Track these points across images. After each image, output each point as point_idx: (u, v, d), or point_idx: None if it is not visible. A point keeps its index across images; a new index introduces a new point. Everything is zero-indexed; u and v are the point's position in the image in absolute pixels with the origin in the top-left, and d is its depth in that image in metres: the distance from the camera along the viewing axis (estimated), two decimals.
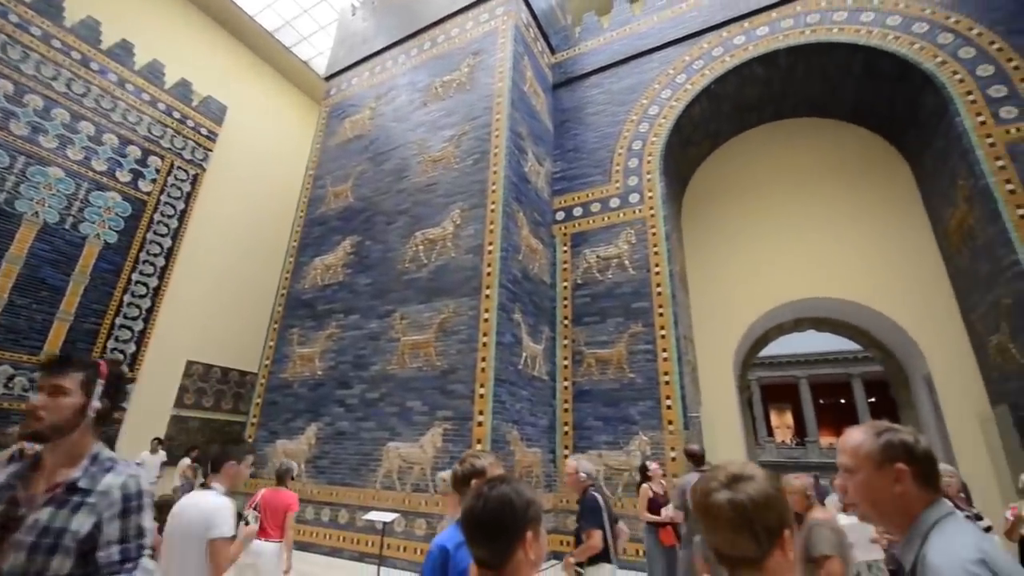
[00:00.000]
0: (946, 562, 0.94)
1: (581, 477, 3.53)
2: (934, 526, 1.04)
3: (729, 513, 0.90)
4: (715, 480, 0.95)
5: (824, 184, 9.29)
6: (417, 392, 7.09)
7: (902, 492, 1.07)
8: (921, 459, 1.09)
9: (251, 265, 13.44)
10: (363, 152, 10.01)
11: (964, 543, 0.97)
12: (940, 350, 7.71)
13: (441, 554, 1.60)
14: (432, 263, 7.84)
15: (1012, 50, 6.72)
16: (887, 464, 1.09)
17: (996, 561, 0.93)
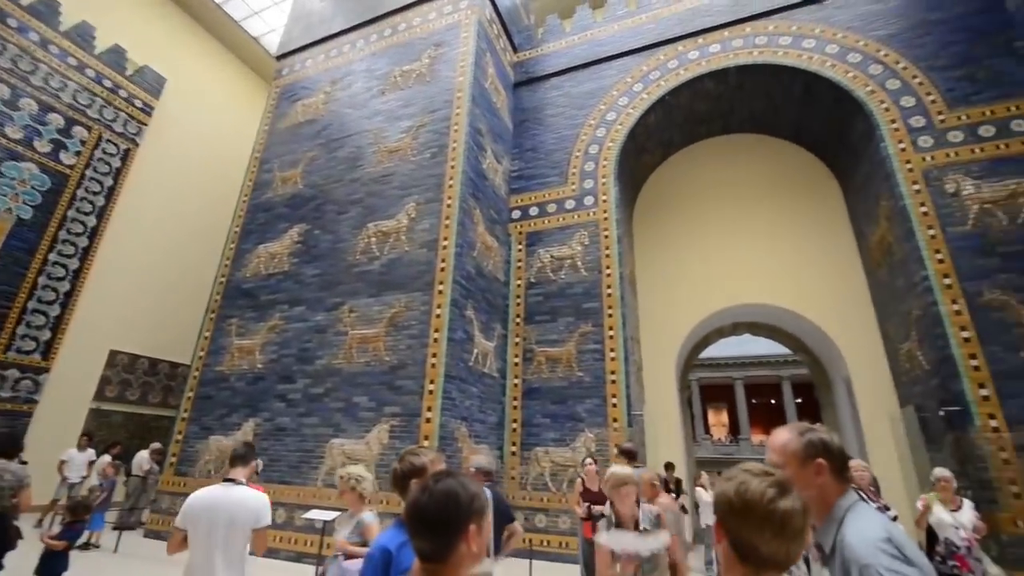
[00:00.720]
0: (860, 541, 1.10)
1: (471, 471, 3.58)
2: (847, 512, 1.20)
3: (800, 521, 0.94)
4: (768, 486, 0.96)
5: (765, 197, 9.85)
6: (364, 387, 6.92)
7: (822, 484, 1.23)
8: (836, 455, 1.25)
9: (187, 250, 12.62)
10: (315, 138, 9.63)
11: (873, 525, 1.13)
12: (859, 355, 8.39)
13: (383, 555, 1.55)
14: (384, 256, 7.67)
15: (931, 84, 7.39)
16: (809, 460, 1.24)
17: (898, 538, 1.10)
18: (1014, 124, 6.74)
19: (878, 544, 1.07)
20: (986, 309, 6.11)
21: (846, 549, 1.11)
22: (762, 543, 0.92)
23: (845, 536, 1.14)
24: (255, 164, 10.14)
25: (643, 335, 9.68)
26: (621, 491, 2.59)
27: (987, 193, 6.55)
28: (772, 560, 0.93)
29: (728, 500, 0.97)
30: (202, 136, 13.62)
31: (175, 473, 7.88)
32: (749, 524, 0.94)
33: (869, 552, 1.06)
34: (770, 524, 0.92)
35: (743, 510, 0.95)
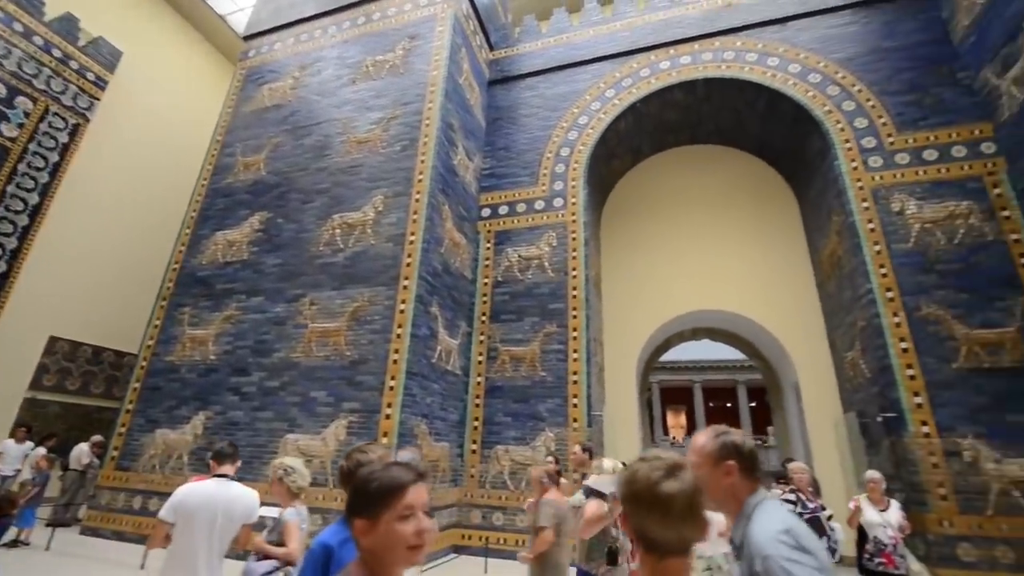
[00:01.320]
0: (761, 534, 1.18)
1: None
2: (755, 509, 1.28)
3: (682, 502, 0.96)
4: (657, 470, 0.99)
5: (727, 208, 10.18)
6: (322, 382, 6.76)
7: (731, 483, 1.32)
8: (747, 456, 1.34)
9: (138, 233, 12.01)
10: (281, 123, 9.34)
11: (774, 519, 1.22)
12: (807, 363, 8.79)
13: (323, 551, 1.54)
14: (349, 248, 7.51)
15: (882, 108, 7.81)
16: (721, 461, 1.33)
17: (796, 530, 1.19)
18: (955, 150, 7.20)
19: (777, 536, 1.14)
20: (923, 322, 6.51)
21: (751, 543, 1.18)
22: (652, 528, 0.94)
23: (750, 530, 1.22)
24: (216, 147, 9.75)
25: (606, 337, 9.85)
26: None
27: (928, 213, 6.98)
28: (666, 546, 0.95)
29: (622, 489, 0.98)
30: (159, 114, 12.99)
31: (116, 468, 7.50)
32: (640, 510, 0.96)
33: (769, 544, 1.13)
34: (656, 508, 0.94)
35: (633, 497, 0.97)
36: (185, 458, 7.13)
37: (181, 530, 2.45)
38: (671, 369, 29.28)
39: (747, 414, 28.80)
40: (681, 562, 0.98)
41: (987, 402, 6.03)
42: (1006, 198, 6.77)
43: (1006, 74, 6.82)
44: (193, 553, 2.42)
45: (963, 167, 7.08)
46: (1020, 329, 6.20)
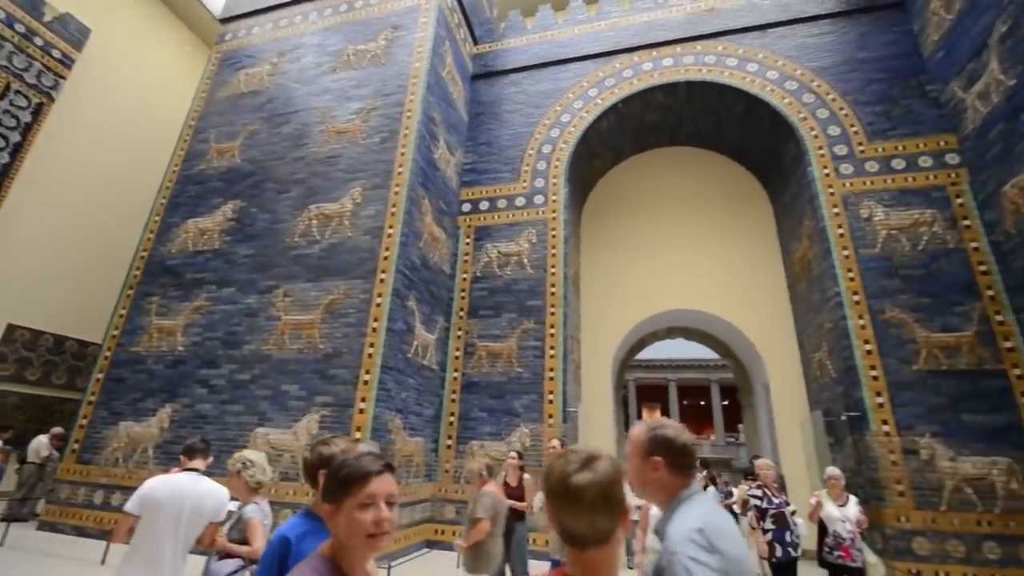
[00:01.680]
0: (676, 530, 1.19)
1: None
2: (681, 504, 1.29)
3: (593, 493, 0.96)
4: (571, 464, 0.99)
5: (704, 210, 10.35)
6: (294, 375, 6.65)
7: (659, 478, 1.32)
8: (678, 452, 1.33)
9: (105, 219, 11.59)
10: (258, 110, 9.11)
11: (692, 516, 1.22)
12: (777, 362, 9.03)
13: (281, 544, 1.51)
14: (325, 240, 7.39)
15: (854, 117, 8.03)
16: (649, 456, 1.33)
17: (713, 527, 1.18)
18: (921, 160, 7.46)
19: (689, 534, 1.15)
20: (886, 325, 6.74)
21: (667, 538, 1.21)
22: (568, 520, 0.95)
23: (668, 526, 1.24)
24: (189, 132, 9.46)
25: (583, 334, 9.92)
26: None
27: (895, 220, 7.22)
28: (584, 537, 0.95)
29: (542, 485, 0.99)
30: (129, 96, 12.53)
31: (77, 461, 7.25)
32: (556, 503, 0.96)
33: (679, 541, 1.15)
34: (568, 500, 0.95)
35: (550, 491, 0.97)
36: (150, 451, 6.94)
37: (146, 523, 2.39)
38: (647, 367, 29.71)
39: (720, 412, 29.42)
40: (601, 553, 0.96)
41: (944, 402, 6.28)
42: (967, 208, 7.05)
43: (971, 88, 7.09)
44: (158, 547, 2.36)
45: (928, 177, 7.35)
46: (977, 334, 6.47)
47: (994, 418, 6.10)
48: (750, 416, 11.64)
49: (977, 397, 6.22)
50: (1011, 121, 6.40)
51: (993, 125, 6.70)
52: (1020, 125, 6.25)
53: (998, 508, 5.78)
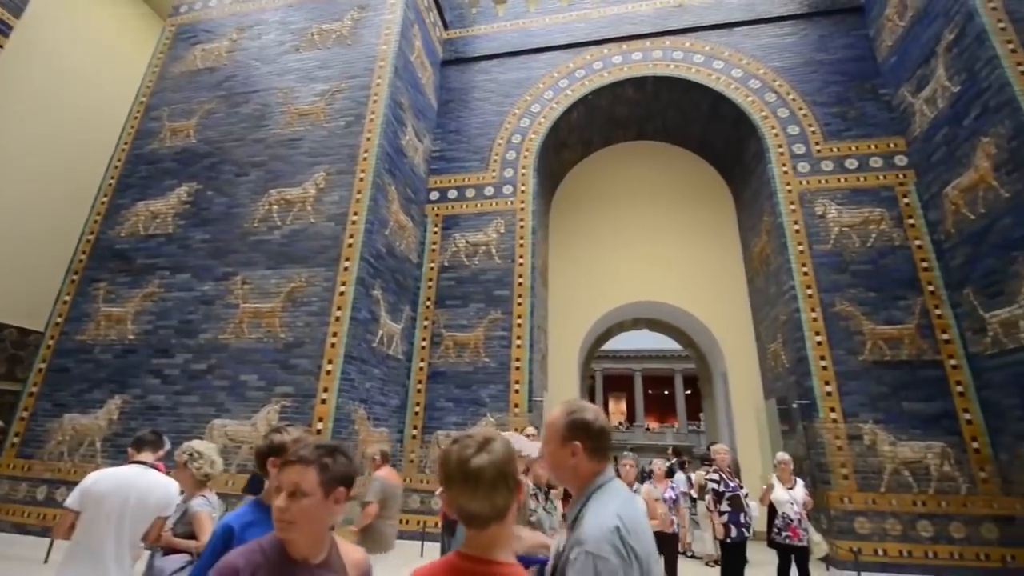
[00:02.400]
0: (593, 524, 1.15)
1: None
2: (596, 491, 1.25)
3: (491, 473, 0.99)
4: (468, 448, 1.02)
5: (669, 204, 10.57)
6: (254, 365, 6.46)
7: (576, 464, 1.27)
8: (595, 435, 1.28)
9: (46, 199, 10.86)
10: (215, 88, 8.70)
11: (609, 510, 1.18)
12: (736, 353, 9.36)
13: (224, 533, 1.51)
14: (287, 226, 7.16)
15: (813, 117, 8.32)
16: (568, 441, 1.27)
17: (629, 523, 1.16)
18: (872, 161, 7.81)
19: (606, 535, 1.11)
20: (836, 318, 7.07)
21: (582, 527, 1.16)
22: (468, 502, 0.98)
23: (584, 515, 1.20)
24: (140, 109, 8.95)
25: (550, 325, 10.01)
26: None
27: (846, 218, 7.55)
28: (483, 516, 0.98)
29: (439, 472, 1.02)
30: (75, 68, 11.73)
31: (17, 455, 6.85)
32: (455, 487, 0.99)
33: (595, 540, 1.10)
34: (469, 482, 0.98)
35: (447, 476, 1.00)
36: (98, 445, 6.62)
37: (88, 519, 2.26)
38: (614, 358, 30.29)
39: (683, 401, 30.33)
40: (501, 528, 1.02)
41: (886, 391, 6.66)
42: (913, 207, 7.44)
43: (920, 93, 7.44)
44: (100, 543, 2.24)
45: (878, 177, 7.70)
46: (917, 327, 6.87)
47: (931, 406, 6.52)
48: (710, 405, 12.06)
49: (916, 386, 6.62)
50: (954, 126, 6.77)
51: (938, 129, 7.07)
52: (962, 130, 6.62)
53: (932, 489, 6.20)
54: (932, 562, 5.93)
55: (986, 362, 6.29)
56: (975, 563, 5.82)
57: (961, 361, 6.60)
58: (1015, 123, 5.81)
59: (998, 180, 6.07)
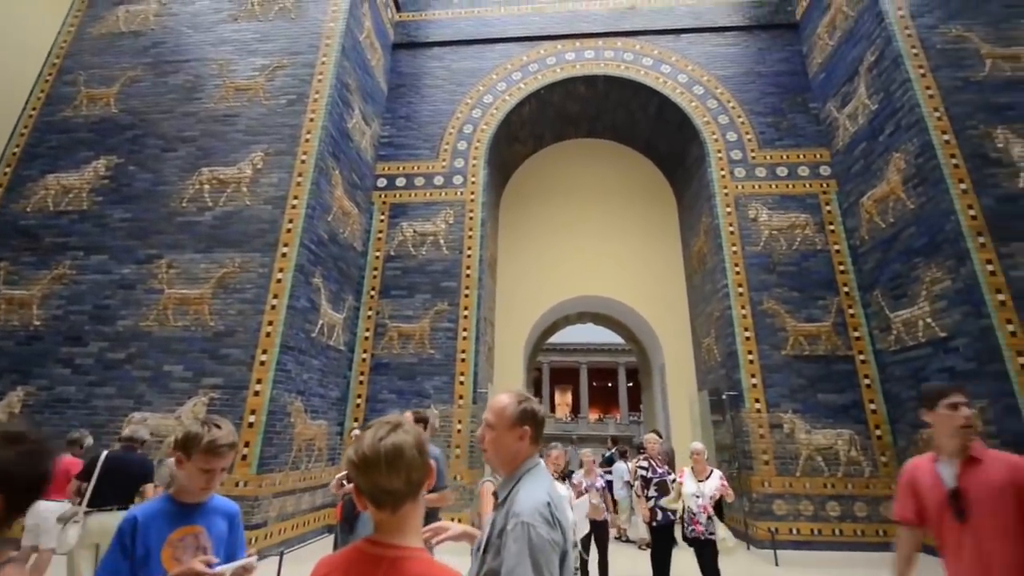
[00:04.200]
0: (527, 500, 1.30)
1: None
2: (527, 472, 1.41)
3: (408, 449, 1.02)
4: (383, 429, 1.05)
5: (616, 202, 10.86)
6: (179, 355, 6.05)
7: (520, 448, 1.43)
8: (539, 424, 1.46)
9: None
10: (140, 54, 8.01)
11: (539, 489, 1.34)
12: (673, 346, 9.80)
13: (128, 524, 1.53)
14: (219, 208, 6.73)
15: (749, 125, 8.78)
16: (518, 425, 1.43)
17: (556, 500, 1.33)
18: (800, 169, 8.36)
19: (539, 507, 1.28)
20: (763, 315, 7.55)
21: (515, 503, 1.30)
22: (384, 480, 1.00)
23: (518, 492, 1.34)
24: (52, 71, 8.10)
25: (497, 317, 10.05)
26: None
27: (776, 222, 8.05)
28: (399, 493, 1.01)
29: (353, 461, 1.03)
30: None
31: None
32: (371, 468, 1.00)
33: (530, 512, 1.26)
34: (387, 459, 1.00)
35: (363, 459, 1.01)
36: None
37: None
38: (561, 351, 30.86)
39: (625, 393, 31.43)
40: (414, 506, 1.05)
41: (804, 383, 7.20)
42: (834, 214, 8.04)
43: (843, 109, 8.03)
44: None
45: (805, 185, 8.26)
46: (833, 324, 7.46)
47: (842, 397, 7.12)
48: (648, 396, 12.58)
49: (830, 379, 7.21)
50: (871, 141, 7.36)
51: (858, 143, 7.66)
52: (878, 145, 7.21)
53: (840, 473, 6.79)
54: (839, 539, 6.51)
55: (890, 357, 6.94)
56: (875, 539, 6.44)
57: (869, 356, 7.24)
58: (922, 141, 6.40)
59: (906, 193, 6.68)
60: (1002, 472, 1.84)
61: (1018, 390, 5.18)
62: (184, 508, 1.65)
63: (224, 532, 1.73)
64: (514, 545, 1.21)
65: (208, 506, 1.72)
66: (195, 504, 1.68)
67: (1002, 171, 6.05)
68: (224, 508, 1.78)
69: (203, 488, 1.66)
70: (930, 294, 6.23)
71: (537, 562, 1.19)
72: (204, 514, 1.69)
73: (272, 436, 5.72)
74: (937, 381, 6.08)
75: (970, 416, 1.94)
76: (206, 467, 1.62)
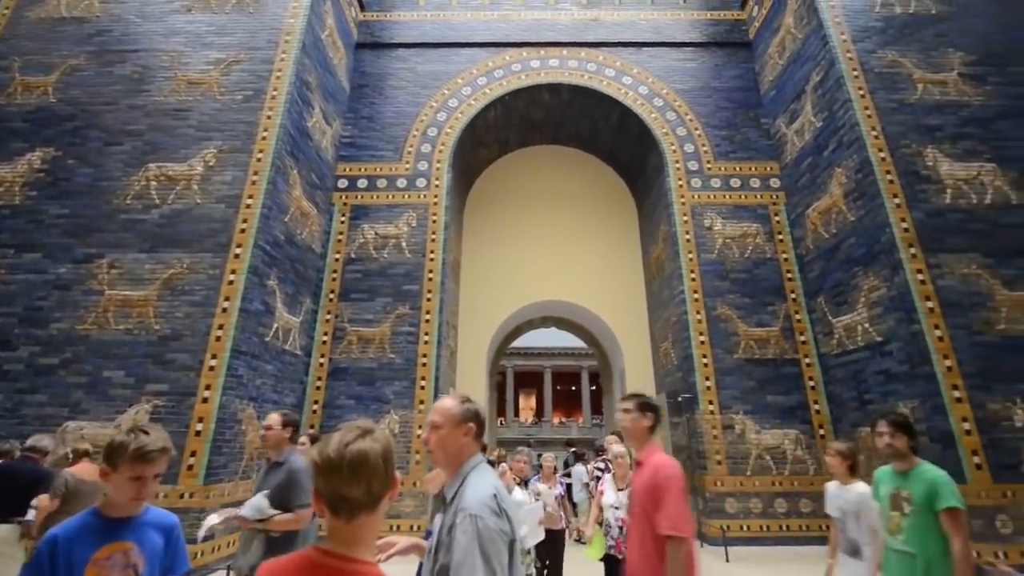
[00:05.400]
0: (474, 494, 1.36)
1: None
2: (472, 470, 1.48)
3: (373, 457, 1.01)
4: (350, 433, 1.03)
5: (579, 208, 11.05)
6: (120, 360, 5.72)
7: (464, 444, 1.51)
8: (482, 423, 1.56)
9: None
10: (83, 42, 7.57)
11: (486, 483, 1.42)
12: (633, 351, 10.03)
13: (47, 545, 1.43)
14: (167, 205, 6.43)
15: (706, 137, 9.13)
16: (464, 423, 1.51)
17: (501, 493, 1.41)
18: (751, 181, 8.75)
19: (486, 500, 1.34)
20: (717, 320, 7.85)
21: (462, 499, 1.36)
22: (345, 487, 0.99)
23: (465, 489, 1.40)
24: None
25: (460, 321, 10.01)
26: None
27: (729, 231, 8.39)
28: (358, 502, 1.00)
29: (316, 463, 1.01)
30: None
31: None
32: (332, 474, 0.99)
33: (477, 504, 1.32)
34: (350, 466, 0.99)
35: (327, 463, 0.99)
36: None
37: None
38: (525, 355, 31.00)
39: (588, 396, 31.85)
40: (371, 518, 1.02)
41: (754, 386, 7.52)
42: (782, 224, 8.45)
43: (792, 125, 8.47)
44: None
45: (756, 196, 8.65)
46: (781, 329, 7.83)
47: (789, 398, 7.47)
48: (610, 400, 12.80)
49: (778, 381, 7.55)
50: (816, 156, 7.79)
51: (804, 158, 8.09)
52: (822, 160, 7.64)
53: (787, 471, 7.11)
54: (786, 534, 6.81)
55: (832, 360, 7.33)
56: (819, 533, 6.75)
57: (814, 360, 7.64)
58: (861, 158, 6.82)
59: (847, 206, 7.10)
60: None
61: (944, 390, 5.59)
62: (112, 523, 1.55)
63: (159, 547, 1.62)
64: (462, 537, 1.26)
65: (140, 520, 1.60)
66: (125, 518, 1.57)
67: (931, 187, 6.52)
68: (160, 521, 1.66)
69: (134, 498, 1.55)
70: (868, 301, 6.63)
71: (486, 552, 1.24)
72: (135, 528, 1.58)
73: (221, 444, 5.49)
74: (874, 383, 6.49)
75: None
76: (135, 475, 1.51)
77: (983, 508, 5.16)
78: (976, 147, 6.71)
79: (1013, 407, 5.52)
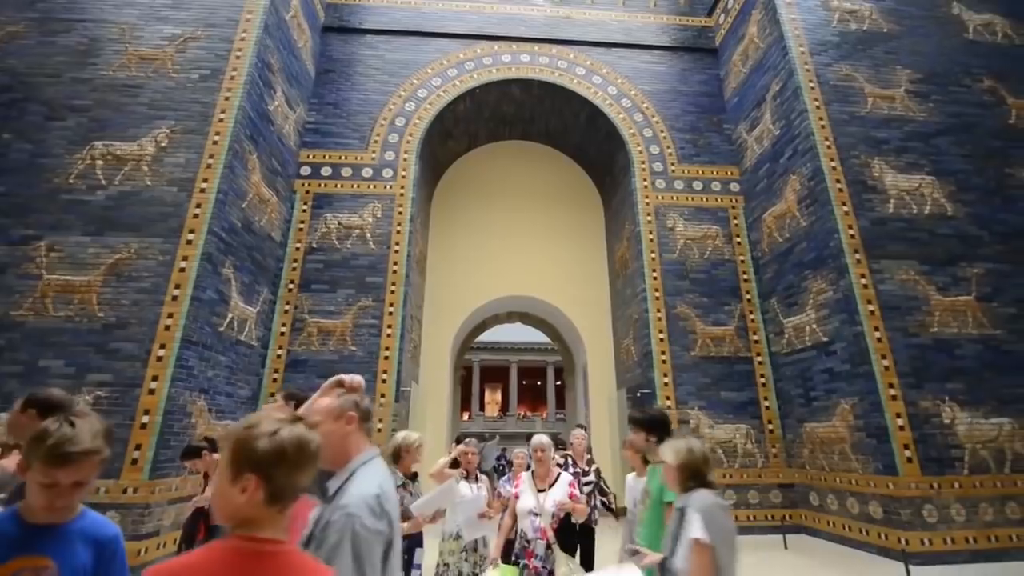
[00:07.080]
0: (356, 492, 1.28)
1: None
2: (362, 466, 1.38)
3: (315, 445, 1.04)
4: (282, 426, 1.02)
5: (547, 204, 11.12)
6: (59, 348, 5.41)
7: (348, 433, 1.41)
8: (366, 416, 1.48)
9: None
10: (25, 8, 7.05)
11: (371, 481, 1.32)
12: (595, 346, 10.21)
13: None
14: (113, 187, 6.09)
15: (671, 140, 9.34)
16: (344, 412, 1.43)
17: (386, 493, 1.32)
18: (713, 184, 9.02)
19: (367, 499, 1.25)
20: (676, 318, 8.07)
21: (345, 495, 1.28)
22: (294, 476, 1.01)
23: (348, 487, 1.31)
24: None
25: (425, 314, 9.94)
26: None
27: (690, 232, 8.63)
28: (301, 490, 1.04)
29: (266, 452, 0.99)
30: None
31: None
32: (283, 465, 0.99)
33: (357, 503, 1.24)
34: (296, 454, 1.00)
35: (265, 456, 0.98)
36: None
37: None
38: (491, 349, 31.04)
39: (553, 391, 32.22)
40: (299, 502, 1.06)
41: (709, 382, 7.79)
42: (740, 227, 8.75)
43: (752, 132, 8.76)
44: None
45: (717, 199, 8.92)
46: (736, 328, 8.13)
47: (741, 395, 7.77)
48: (572, 395, 13.00)
49: (732, 378, 7.85)
50: (773, 163, 8.10)
51: (762, 164, 8.40)
52: (779, 167, 7.95)
53: (736, 464, 7.41)
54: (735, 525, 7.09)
55: (782, 359, 7.68)
56: (765, 523, 7.09)
57: (765, 358, 7.97)
58: (814, 166, 7.14)
59: (800, 211, 7.42)
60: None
61: (881, 388, 5.95)
62: (31, 531, 1.24)
63: (88, 566, 1.29)
64: (334, 536, 1.19)
65: (67, 528, 1.28)
66: (47, 526, 1.26)
67: (876, 197, 6.90)
68: (94, 532, 1.33)
69: (44, 508, 1.25)
70: (816, 303, 6.97)
71: (359, 553, 1.18)
72: (59, 539, 1.27)
73: (169, 438, 5.27)
74: (819, 380, 6.83)
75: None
76: (47, 481, 1.22)
77: (911, 499, 5.53)
78: (918, 160, 7.13)
79: (942, 405, 5.92)
